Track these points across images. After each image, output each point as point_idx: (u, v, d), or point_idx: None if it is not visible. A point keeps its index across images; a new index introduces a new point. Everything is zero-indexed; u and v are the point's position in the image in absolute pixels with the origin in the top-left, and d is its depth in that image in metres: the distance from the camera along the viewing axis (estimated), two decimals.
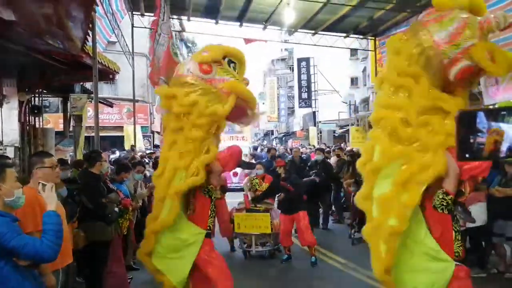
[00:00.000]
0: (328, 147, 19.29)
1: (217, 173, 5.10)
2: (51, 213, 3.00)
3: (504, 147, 1.35)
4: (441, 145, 3.61)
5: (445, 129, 3.57)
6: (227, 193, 8.72)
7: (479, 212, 6.70)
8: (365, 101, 29.05)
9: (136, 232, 7.20)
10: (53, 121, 19.35)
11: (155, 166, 8.81)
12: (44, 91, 10.95)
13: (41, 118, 10.33)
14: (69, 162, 7.57)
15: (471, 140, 1.26)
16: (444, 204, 3.63)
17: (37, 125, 9.92)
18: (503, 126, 1.34)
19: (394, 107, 3.86)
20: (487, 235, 6.90)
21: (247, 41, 16.40)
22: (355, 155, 9.34)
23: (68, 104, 10.86)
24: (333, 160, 12.33)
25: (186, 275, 4.89)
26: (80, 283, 5.93)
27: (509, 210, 6.45)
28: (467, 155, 1.26)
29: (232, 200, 9.21)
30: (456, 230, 3.73)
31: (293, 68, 42.81)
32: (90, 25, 7.01)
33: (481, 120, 1.35)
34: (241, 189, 10.06)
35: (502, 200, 6.42)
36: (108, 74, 10.20)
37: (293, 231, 8.13)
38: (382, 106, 4.01)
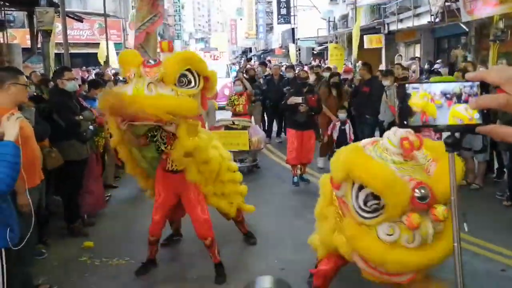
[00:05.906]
0: (306, 65, 18.99)
1: None
2: (8, 143, 2.65)
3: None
4: None
5: None
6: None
7: None
8: (344, 18, 28.18)
9: None
10: (19, 37, 18.48)
11: None
12: (7, 4, 10.29)
13: (5, 33, 9.79)
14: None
15: (407, 108, 1.34)
16: None
17: (1, 41, 9.43)
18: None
19: None
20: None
21: None
22: (333, 75, 9.15)
23: (34, 18, 10.23)
24: (312, 78, 12.12)
25: None
26: (57, 201, 5.87)
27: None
28: (405, 122, 1.34)
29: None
30: None
31: None
32: None
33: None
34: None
35: None
36: None
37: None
38: None
